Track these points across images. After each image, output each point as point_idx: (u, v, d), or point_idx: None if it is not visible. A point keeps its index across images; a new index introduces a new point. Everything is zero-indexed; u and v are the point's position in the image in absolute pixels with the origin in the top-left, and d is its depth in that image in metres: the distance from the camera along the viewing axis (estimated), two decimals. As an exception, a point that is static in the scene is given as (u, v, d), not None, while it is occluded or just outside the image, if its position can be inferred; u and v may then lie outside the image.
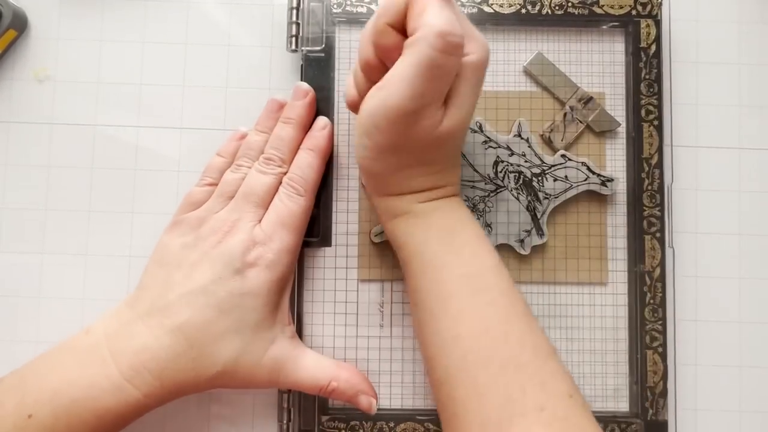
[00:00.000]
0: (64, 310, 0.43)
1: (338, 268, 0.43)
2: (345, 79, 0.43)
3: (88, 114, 0.44)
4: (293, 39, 0.43)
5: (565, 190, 0.43)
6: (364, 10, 0.43)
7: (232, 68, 0.45)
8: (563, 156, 0.43)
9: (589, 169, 0.43)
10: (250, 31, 0.45)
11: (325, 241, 0.43)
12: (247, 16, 0.45)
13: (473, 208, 0.43)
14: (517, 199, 0.43)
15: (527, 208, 0.43)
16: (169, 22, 0.45)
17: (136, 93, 0.44)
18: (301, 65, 0.43)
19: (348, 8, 0.43)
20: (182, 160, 0.44)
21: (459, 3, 0.43)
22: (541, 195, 0.43)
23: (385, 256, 0.42)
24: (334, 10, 0.43)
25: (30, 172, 0.44)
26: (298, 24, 0.43)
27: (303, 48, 0.43)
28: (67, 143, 0.44)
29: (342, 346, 0.42)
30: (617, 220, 0.43)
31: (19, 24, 0.44)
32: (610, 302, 0.43)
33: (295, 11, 0.43)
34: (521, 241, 0.43)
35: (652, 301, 0.42)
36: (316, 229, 0.42)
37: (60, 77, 0.44)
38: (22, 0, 0.44)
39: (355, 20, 0.43)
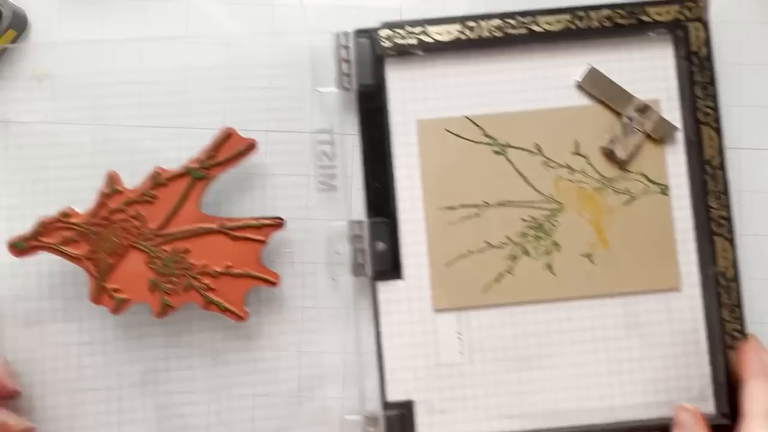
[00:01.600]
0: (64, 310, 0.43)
1: (412, 300, 0.43)
2: (398, 110, 0.44)
3: (87, 114, 0.44)
4: (346, 77, 0.43)
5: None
6: (414, 42, 0.43)
7: (232, 68, 0.44)
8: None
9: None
10: (250, 31, 0.45)
11: (396, 273, 0.43)
12: (247, 15, 0.45)
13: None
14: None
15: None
16: (169, 23, 0.45)
17: (136, 93, 0.44)
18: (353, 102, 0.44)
19: (397, 41, 0.43)
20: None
21: (507, 25, 0.43)
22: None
23: (459, 284, 0.43)
24: (384, 45, 0.43)
25: (30, 172, 0.44)
26: (348, 62, 0.43)
27: (354, 85, 0.43)
28: (67, 143, 0.44)
29: (424, 377, 0.43)
30: (684, 224, 0.43)
31: (19, 24, 0.44)
32: (686, 306, 0.43)
33: (344, 49, 0.43)
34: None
35: (728, 301, 0.42)
36: (386, 260, 0.43)
37: (60, 77, 0.44)
38: (22, 0, 0.45)
39: (404, 52, 0.43)
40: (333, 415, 0.43)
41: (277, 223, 0.41)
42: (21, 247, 0.40)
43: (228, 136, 0.41)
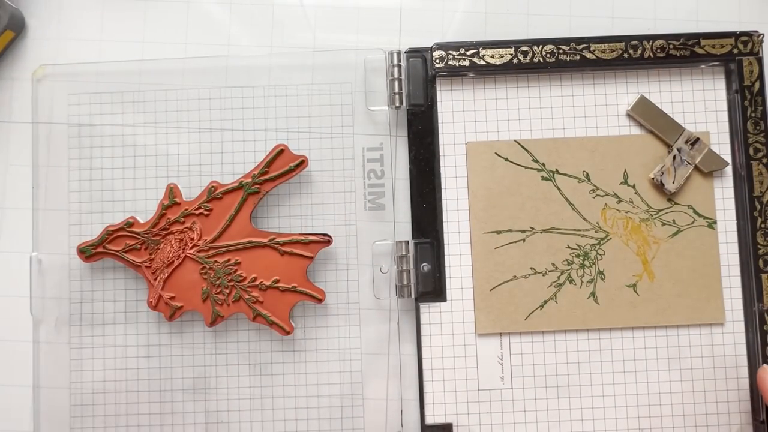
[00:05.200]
0: (62, 309, 0.43)
1: (455, 323, 0.43)
2: (448, 131, 0.44)
3: (87, 114, 0.44)
4: (396, 96, 0.43)
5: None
6: (466, 63, 0.43)
7: (231, 68, 0.44)
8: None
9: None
10: (249, 31, 0.45)
11: (440, 295, 0.43)
12: (246, 15, 0.45)
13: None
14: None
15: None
16: (169, 23, 0.45)
17: (136, 93, 0.44)
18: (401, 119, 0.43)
19: (450, 62, 0.43)
20: (181, 160, 0.44)
21: (560, 50, 0.43)
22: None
23: (502, 309, 0.43)
24: (437, 65, 0.43)
25: (30, 172, 0.44)
26: (400, 80, 0.43)
27: (404, 105, 0.43)
28: (67, 143, 0.44)
29: (464, 400, 0.42)
30: (730, 259, 0.43)
31: (16, 25, 0.44)
32: (729, 341, 0.43)
33: (396, 68, 0.43)
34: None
35: (773, 340, 0.42)
36: (430, 282, 0.43)
37: (59, 77, 0.44)
38: (22, 0, 0.45)
39: (456, 74, 0.43)
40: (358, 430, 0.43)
41: (325, 240, 0.41)
42: (89, 252, 0.42)
43: (280, 152, 0.41)
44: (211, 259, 0.41)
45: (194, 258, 0.41)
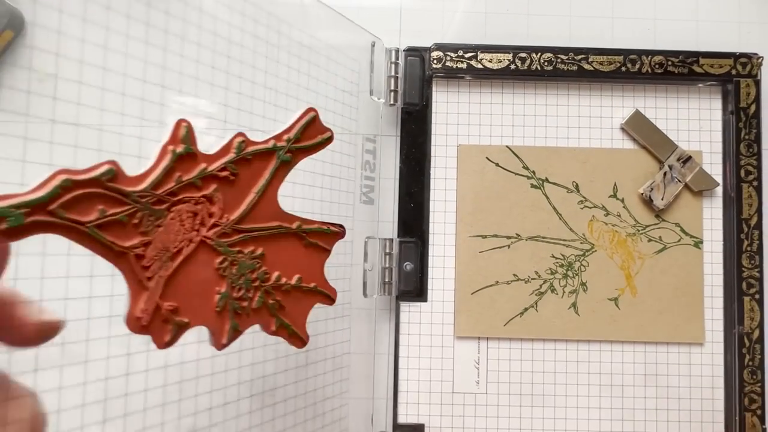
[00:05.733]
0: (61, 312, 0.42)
1: (434, 324, 0.43)
2: (440, 132, 0.44)
3: (89, 113, 0.44)
4: (393, 93, 0.43)
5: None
6: (464, 66, 0.43)
7: (232, 65, 0.44)
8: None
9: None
10: (250, 28, 0.45)
11: (421, 295, 0.43)
12: (247, 15, 0.45)
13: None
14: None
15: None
16: (169, 22, 0.45)
17: (139, 92, 0.44)
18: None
19: (448, 64, 0.43)
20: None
21: (559, 59, 0.43)
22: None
23: (482, 314, 0.42)
24: (434, 66, 0.43)
25: (30, 172, 0.43)
26: (396, 78, 0.43)
27: (399, 102, 0.43)
28: (69, 143, 0.43)
29: (438, 402, 0.42)
30: (714, 280, 0.43)
31: (16, 24, 0.43)
32: (707, 362, 0.43)
33: (394, 66, 0.43)
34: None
35: (751, 363, 0.42)
36: (412, 281, 0.42)
37: (60, 76, 0.44)
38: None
39: (452, 75, 0.43)
40: (343, 430, 0.42)
41: (342, 232, 0.32)
42: (16, 222, 0.22)
43: (313, 119, 0.30)
44: (233, 248, 0.27)
45: (212, 245, 0.26)
